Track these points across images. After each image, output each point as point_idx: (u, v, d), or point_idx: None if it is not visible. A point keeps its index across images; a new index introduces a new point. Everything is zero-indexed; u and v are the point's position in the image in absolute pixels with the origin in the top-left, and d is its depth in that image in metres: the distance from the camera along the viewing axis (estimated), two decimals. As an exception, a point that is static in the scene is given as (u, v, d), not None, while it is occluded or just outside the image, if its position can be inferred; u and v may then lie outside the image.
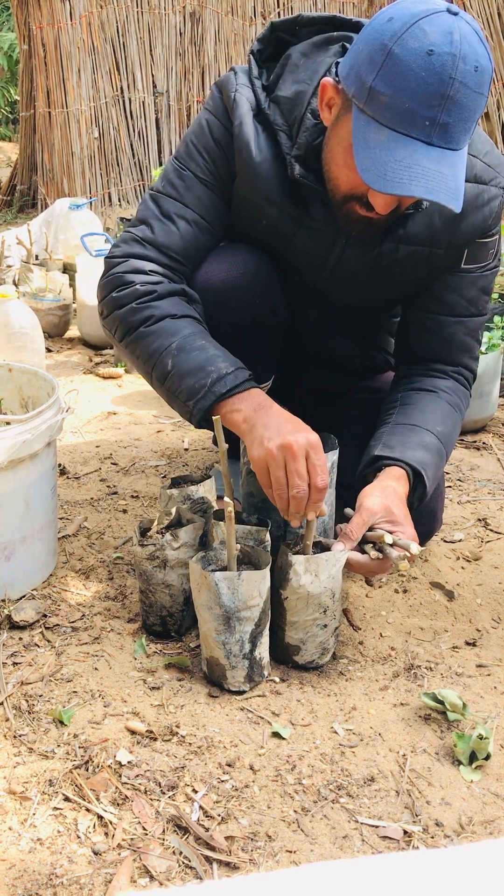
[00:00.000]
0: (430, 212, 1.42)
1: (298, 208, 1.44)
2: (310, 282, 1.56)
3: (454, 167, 1.20)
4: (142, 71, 5.83)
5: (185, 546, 1.38)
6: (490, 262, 1.53)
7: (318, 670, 1.36)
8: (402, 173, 1.18)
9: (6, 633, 1.42)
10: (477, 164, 1.42)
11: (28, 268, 3.54)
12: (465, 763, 1.17)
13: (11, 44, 8.37)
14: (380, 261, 1.47)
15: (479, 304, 1.55)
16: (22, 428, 1.40)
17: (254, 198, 1.45)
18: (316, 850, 1.02)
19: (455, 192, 1.19)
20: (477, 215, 1.44)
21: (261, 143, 1.42)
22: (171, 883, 0.97)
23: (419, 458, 1.42)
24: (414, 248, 1.45)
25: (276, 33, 1.45)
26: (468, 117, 1.18)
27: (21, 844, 1.01)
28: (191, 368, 1.36)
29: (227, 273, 1.48)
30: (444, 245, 1.46)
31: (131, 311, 1.42)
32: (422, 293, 1.55)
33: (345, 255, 1.48)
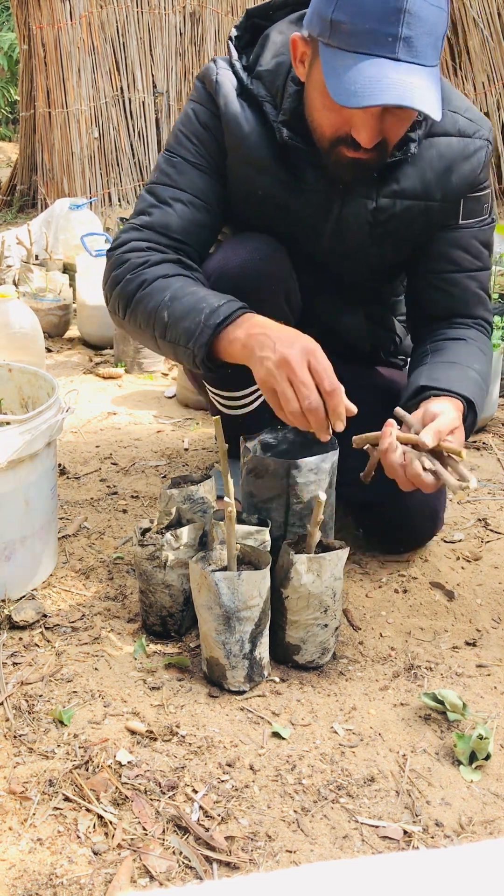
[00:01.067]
0: (420, 166, 1.48)
1: (291, 174, 1.48)
2: (312, 252, 1.57)
3: (426, 80, 1.23)
4: (142, 71, 5.83)
5: (185, 546, 1.38)
6: (486, 217, 1.58)
7: (318, 670, 1.36)
8: (373, 87, 1.21)
9: (6, 633, 1.42)
10: (459, 119, 1.49)
11: (28, 268, 3.54)
12: (465, 763, 1.17)
13: (11, 44, 8.37)
14: (377, 216, 1.51)
15: (483, 258, 1.59)
16: (22, 428, 1.40)
17: (246, 170, 1.49)
18: (316, 850, 1.02)
19: (431, 101, 1.23)
20: (466, 166, 1.50)
21: (247, 116, 1.47)
22: (171, 883, 0.97)
23: (466, 388, 1.44)
24: (409, 202, 1.50)
25: (252, 20, 1.52)
26: (430, 31, 1.22)
27: (21, 844, 1.01)
28: (185, 311, 1.35)
29: (242, 259, 1.49)
30: (439, 198, 1.50)
31: (127, 283, 1.44)
32: (423, 257, 1.58)
33: (342, 214, 1.51)
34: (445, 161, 1.48)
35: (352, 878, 0.60)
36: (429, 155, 1.48)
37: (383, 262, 1.61)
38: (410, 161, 1.48)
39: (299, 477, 1.40)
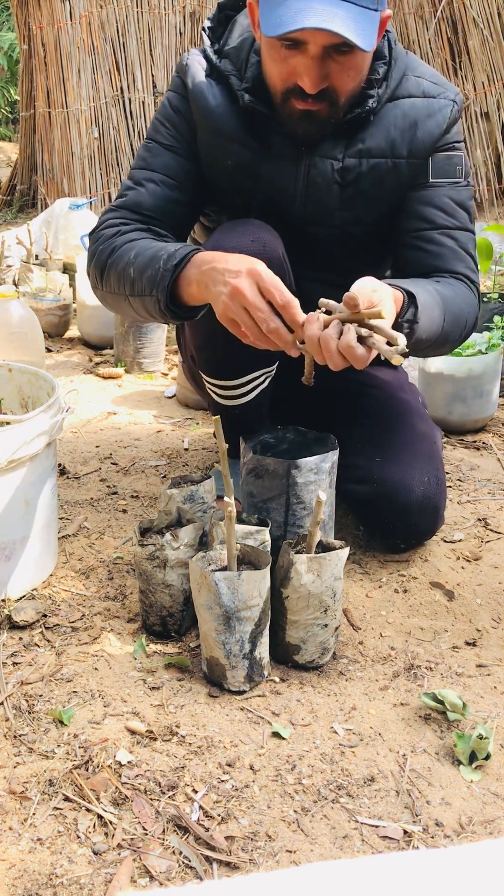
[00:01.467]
0: (385, 125, 1.53)
1: (258, 141, 1.53)
2: (288, 219, 1.59)
3: (352, 13, 1.28)
4: (142, 71, 5.83)
5: (185, 546, 1.38)
6: (460, 180, 1.59)
7: (318, 670, 1.36)
8: (296, 16, 1.27)
9: (6, 633, 1.42)
10: (423, 82, 1.55)
11: (28, 268, 3.54)
12: (465, 763, 1.17)
13: (11, 44, 8.37)
14: (345, 176, 1.54)
15: (458, 216, 1.59)
16: (22, 428, 1.40)
17: (216, 141, 1.56)
18: (316, 850, 1.02)
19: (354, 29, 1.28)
20: (430, 122, 1.54)
21: (215, 92, 1.54)
22: (171, 883, 0.97)
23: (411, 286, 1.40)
24: (376, 160, 1.54)
25: (224, 12, 1.60)
26: None
27: (21, 844, 1.01)
28: (147, 262, 1.41)
29: (236, 242, 1.51)
30: (405, 154, 1.54)
31: (100, 254, 1.53)
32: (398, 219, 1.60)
33: (310, 175, 1.55)
34: (409, 119, 1.53)
35: (352, 878, 0.60)
36: (393, 114, 1.53)
37: (359, 225, 1.61)
38: (375, 122, 1.53)
39: (299, 477, 1.40)
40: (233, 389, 1.67)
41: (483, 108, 5.38)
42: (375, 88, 1.50)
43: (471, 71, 5.37)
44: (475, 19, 5.28)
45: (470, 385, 2.32)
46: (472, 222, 1.63)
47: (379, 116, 1.53)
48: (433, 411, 2.36)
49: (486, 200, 5.45)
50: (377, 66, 1.49)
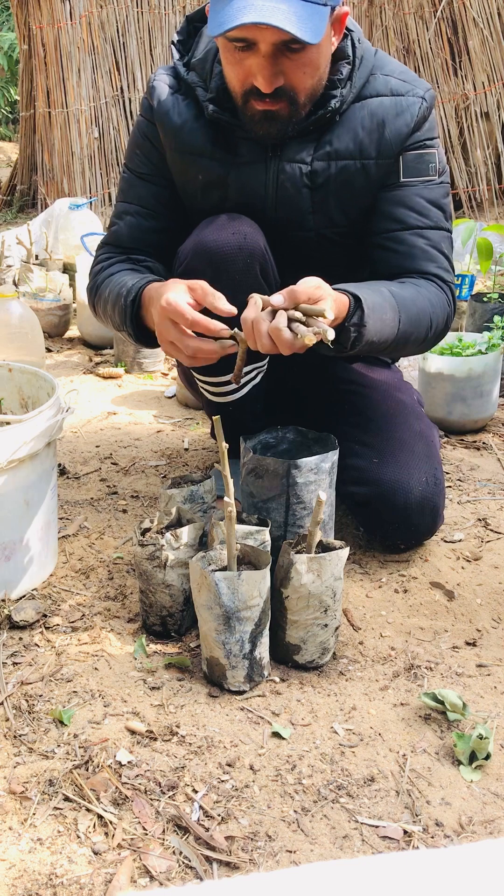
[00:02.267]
0: (352, 126, 1.52)
1: (226, 151, 1.54)
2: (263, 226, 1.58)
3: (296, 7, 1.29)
4: (142, 71, 5.83)
5: (185, 546, 1.38)
6: (434, 178, 1.58)
7: (318, 670, 1.36)
8: (236, 14, 1.28)
9: (6, 633, 1.42)
10: (391, 80, 1.54)
11: (28, 268, 3.54)
12: (465, 763, 1.17)
13: (11, 44, 8.37)
14: (314, 180, 1.54)
15: (431, 216, 1.58)
16: (22, 428, 1.40)
17: (184, 158, 1.58)
18: (316, 850, 1.02)
19: (297, 23, 1.28)
20: (398, 121, 1.53)
21: (181, 109, 1.56)
22: (171, 883, 0.97)
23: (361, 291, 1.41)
24: (344, 161, 1.54)
25: (193, 24, 1.60)
26: None
27: (21, 844, 1.01)
28: (116, 298, 1.52)
29: (214, 236, 1.53)
30: (374, 155, 1.53)
31: (90, 292, 1.66)
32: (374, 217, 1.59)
33: (279, 180, 1.55)
34: (377, 118, 1.52)
35: (352, 878, 0.60)
36: (360, 114, 1.52)
37: (333, 227, 1.61)
38: (342, 123, 1.52)
39: (299, 477, 1.40)
40: (224, 385, 1.68)
41: (483, 108, 5.37)
42: (339, 88, 1.49)
43: (471, 71, 5.37)
44: (475, 19, 5.28)
45: (470, 385, 2.32)
46: (449, 220, 1.62)
47: (346, 117, 1.52)
48: (433, 411, 2.36)
49: (486, 200, 5.44)
50: (340, 66, 1.49)
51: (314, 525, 1.29)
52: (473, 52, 5.34)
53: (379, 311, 1.42)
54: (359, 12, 5.52)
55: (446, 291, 1.60)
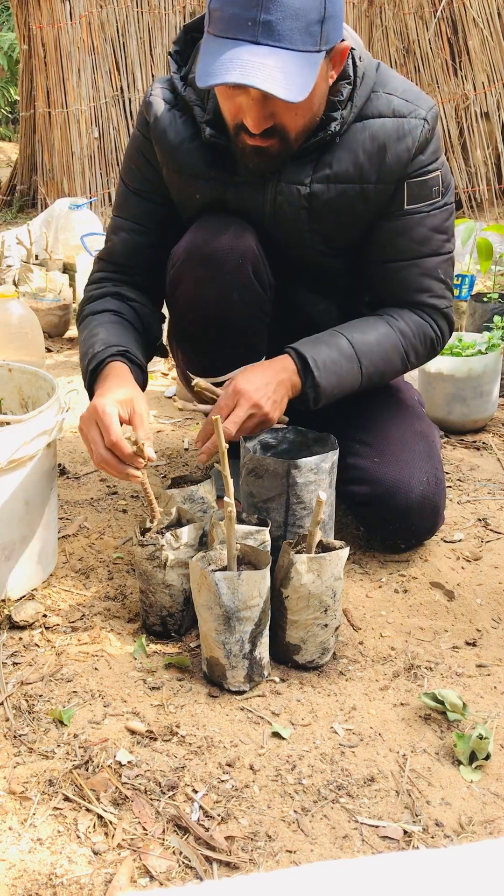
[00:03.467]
0: (353, 149, 1.49)
1: (223, 172, 1.52)
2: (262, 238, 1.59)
3: (284, 61, 1.26)
4: (142, 71, 5.83)
5: (185, 546, 1.38)
6: (437, 200, 1.56)
7: (318, 670, 1.36)
8: (222, 67, 1.26)
9: (6, 633, 1.42)
10: (394, 100, 1.50)
11: (28, 268, 3.54)
12: (465, 763, 1.17)
13: (11, 44, 8.37)
14: (313, 203, 1.52)
15: (432, 244, 1.58)
16: (22, 428, 1.40)
17: (182, 178, 1.56)
18: (316, 850, 1.02)
19: (283, 81, 1.26)
20: (400, 145, 1.49)
21: (178, 127, 1.53)
22: (171, 883, 0.97)
23: (315, 350, 1.49)
24: (343, 185, 1.51)
25: (190, 34, 1.56)
26: (296, 16, 1.25)
27: (21, 844, 1.01)
28: (83, 354, 1.53)
29: (206, 237, 1.53)
30: (374, 179, 1.51)
31: (77, 317, 1.67)
32: (368, 245, 1.59)
33: (277, 203, 1.54)
34: (378, 142, 1.48)
35: (352, 878, 0.60)
36: (361, 137, 1.49)
37: (331, 247, 1.61)
38: (343, 144, 1.49)
39: (299, 477, 1.40)
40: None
41: (483, 108, 5.37)
42: (339, 110, 1.46)
43: (471, 71, 5.36)
44: (475, 19, 5.28)
45: (470, 385, 2.32)
46: (450, 240, 1.61)
47: (347, 138, 1.49)
48: (433, 411, 2.36)
49: (486, 200, 5.44)
50: (341, 87, 1.45)
51: (314, 525, 1.29)
52: (473, 52, 5.34)
53: (333, 366, 1.50)
54: (359, 12, 5.52)
55: (433, 318, 1.62)
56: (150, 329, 1.67)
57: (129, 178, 1.65)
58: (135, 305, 1.65)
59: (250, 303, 1.57)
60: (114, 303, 1.63)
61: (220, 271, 1.52)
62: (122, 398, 1.37)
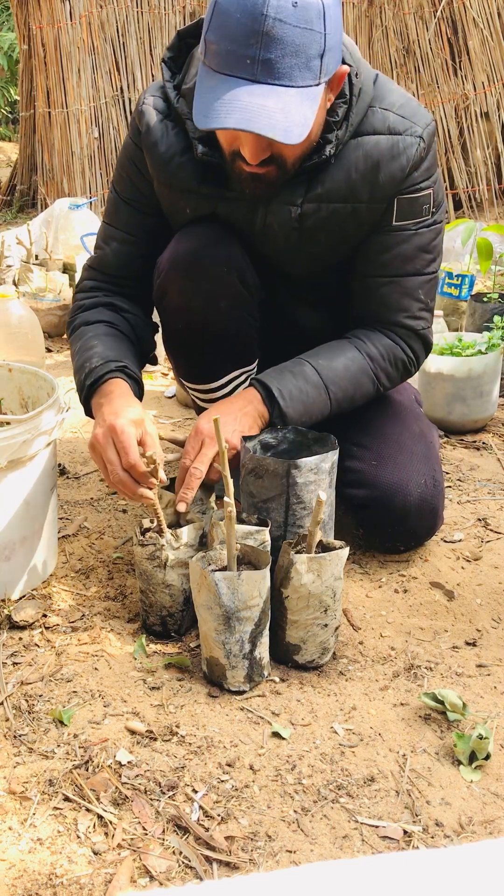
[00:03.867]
0: (346, 167, 1.46)
1: (215, 186, 1.50)
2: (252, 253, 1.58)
3: (285, 100, 1.23)
4: (142, 71, 5.83)
5: (185, 546, 1.38)
6: (426, 219, 1.53)
7: (318, 670, 1.36)
8: (222, 109, 1.23)
9: (6, 633, 1.42)
10: (390, 116, 1.46)
11: (28, 268, 3.54)
12: (465, 763, 1.17)
13: (11, 44, 8.36)
14: (303, 222, 1.50)
15: (416, 263, 1.55)
16: (22, 428, 1.40)
17: (172, 192, 1.54)
18: (316, 850, 1.02)
19: (284, 123, 1.23)
20: (394, 165, 1.46)
21: (170, 140, 1.50)
22: (171, 883, 0.97)
23: (280, 380, 1.50)
24: (335, 205, 1.49)
25: (184, 40, 1.52)
26: (295, 52, 1.22)
27: (21, 844, 1.01)
28: (78, 366, 1.52)
29: (190, 246, 1.52)
30: (366, 198, 1.48)
31: (68, 325, 1.66)
32: (358, 256, 1.57)
33: (267, 221, 1.52)
34: (372, 160, 1.45)
35: (352, 878, 0.60)
36: (355, 155, 1.46)
37: (320, 263, 1.60)
38: (336, 162, 1.46)
39: (299, 477, 1.40)
40: (212, 392, 1.68)
41: (483, 108, 5.37)
42: (335, 131, 1.42)
43: (471, 71, 5.36)
44: (475, 19, 5.28)
45: (470, 385, 2.32)
46: (436, 261, 1.58)
47: (340, 155, 1.46)
48: (433, 411, 2.36)
49: (486, 200, 5.44)
50: (336, 107, 1.42)
51: (314, 525, 1.29)
52: (473, 52, 5.33)
53: (299, 394, 1.51)
54: (359, 12, 5.52)
55: (405, 339, 1.61)
56: (144, 340, 1.67)
57: (120, 188, 1.62)
58: (128, 316, 1.63)
59: (238, 309, 1.57)
60: (107, 313, 1.61)
61: (206, 280, 1.52)
62: (135, 418, 1.36)
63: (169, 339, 1.66)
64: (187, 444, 1.45)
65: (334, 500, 1.51)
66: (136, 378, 1.52)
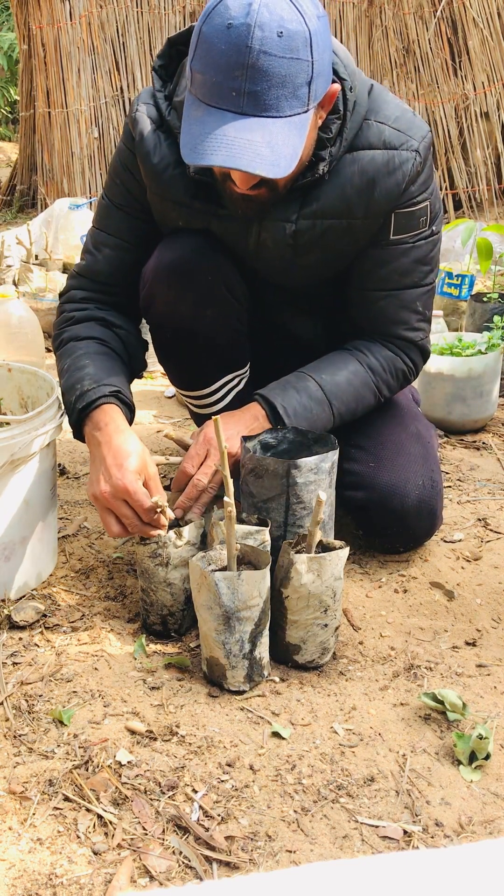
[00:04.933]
0: (341, 183, 1.44)
1: (207, 203, 1.49)
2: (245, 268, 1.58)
3: (272, 132, 1.21)
4: (142, 71, 5.83)
5: (187, 544, 1.38)
6: (424, 231, 1.52)
7: (318, 670, 1.36)
8: (208, 144, 1.21)
9: (6, 633, 1.42)
10: (385, 130, 1.44)
11: (28, 268, 3.54)
12: (465, 763, 1.17)
13: (11, 44, 8.37)
14: (298, 239, 1.49)
15: (414, 275, 1.55)
16: (22, 428, 1.40)
17: (165, 204, 1.52)
18: (316, 850, 1.02)
19: (271, 157, 1.21)
20: (389, 180, 1.44)
21: (163, 151, 1.47)
22: (171, 883, 0.97)
23: (284, 396, 1.50)
24: (330, 221, 1.47)
25: (175, 48, 1.48)
26: (282, 83, 1.20)
27: (21, 844, 1.01)
28: (68, 387, 1.47)
29: (174, 255, 1.51)
30: (361, 214, 1.47)
31: (55, 338, 1.61)
32: (355, 270, 1.56)
33: (261, 238, 1.51)
34: (367, 176, 1.43)
35: (352, 878, 0.60)
36: (350, 171, 1.44)
37: (315, 277, 1.59)
38: (331, 178, 1.44)
39: (299, 477, 1.40)
40: (205, 398, 1.68)
41: (483, 108, 5.38)
42: (328, 148, 1.40)
43: (471, 71, 5.37)
44: (475, 19, 5.28)
45: (470, 385, 2.32)
46: (434, 272, 1.58)
47: (335, 171, 1.44)
48: (433, 411, 2.36)
49: (486, 200, 5.45)
50: (330, 123, 1.39)
51: (314, 525, 1.29)
52: (473, 52, 5.34)
53: (303, 411, 1.51)
54: (359, 12, 5.52)
55: (405, 351, 1.62)
56: (136, 359, 1.65)
57: (111, 193, 1.59)
58: (120, 333, 1.60)
59: (225, 316, 1.57)
60: (98, 329, 1.58)
61: (191, 288, 1.51)
62: (137, 467, 1.36)
63: (159, 348, 1.66)
64: (192, 448, 1.46)
65: (334, 500, 1.51)
66: (128, 403, 1.49)
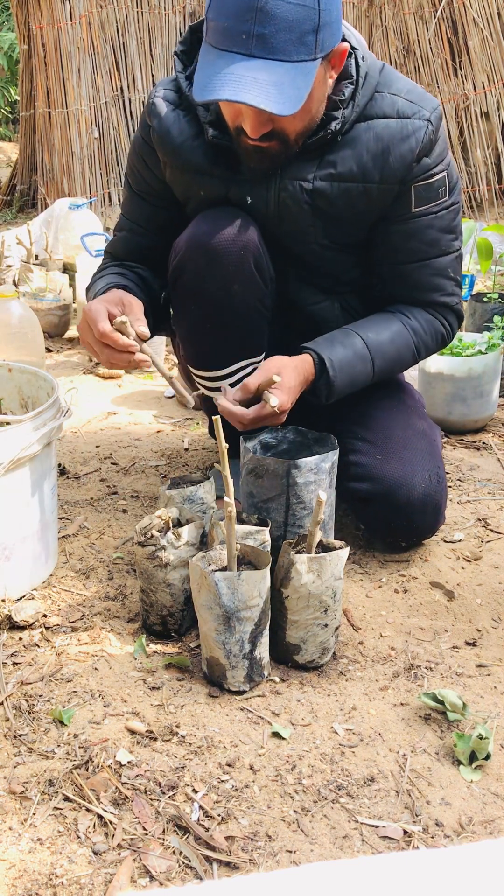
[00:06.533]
0: (357, 149, 1.51)
1: (227, 170, 1.55)
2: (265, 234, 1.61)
3: (278, 74, 1.29)
4: (142, 71, 5.83)
5: (186, 545, 1.38)
6: (444, 200, 1.59)
7: (318, 670, 1.36)
8: (217, 82, 1.29)
9: (6, 633, 1.42)
10: (398, 100, 1.52)
11: (28, 268, 3.54)
12: (465, 763, 1.17)
13: (11, 44, 8.37)
14: (315, 199, 1.55)
15: (441, 244, 1.62)
16: (21, 428, 1.40)
17: (186, 176, 1.59)
18: (316, 850, 1.02)
19: (276, 96, 1.28)
20: (403, 146, 1.51)
21: (182, 126, 1.55)
22: (171, 883, 0.97)
23: (332, 350, 1.55)
24: (347, 184, 1.54)
25: (196, 34, 1.57)
26: (289, 27, 1.27)
27: (21, 844, 1.01)
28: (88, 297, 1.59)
29: (208, 230, 1.55)
30: (377, 179, 1.53)
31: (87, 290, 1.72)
32: (378, 247, 1.63)
33: (280, 198, 1.56)
34: (382, 143, 1.51)
35: (352, 878, 0.60)
36: (366, 137, 1.51)
37: (335, 243, 1.63)
38: (347, 144, 1.51)
39: (299, 477, 1.40)
40: (217, 381, 1.68)
41: (483, 108, 5.37)
42: (341, 109, 1.47)
43: (471, 71, 5.37)
44: (475, 19, 5.28)
45: (470, 385, 2.32)
46: (458, 238, 1.65)
47: (350, 138, 1.51)
48: (433, 411, 2.36)
49: (486, 200, 5.44)
50: (343, 87, 1.47)
51: (314, 525, 1.29)
52: (473, 52, 5.34)
53: (348, 366, 1.56)
54: (359, 12, 5.52)
55: (443, 315, 1.69)
56: (151, 289, 1.73)
57: (131, 179, 1.70)
58: (138, 271, 1.72)
59: (251, 295, 1.59)
60: (117, 268, 1.71)
61: (222, 263, 1.54)
62: (110, 298, 1.43)
63: (180, 321, 1.68)
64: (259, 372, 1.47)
65: (334, 499, 1.51)
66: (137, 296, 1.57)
